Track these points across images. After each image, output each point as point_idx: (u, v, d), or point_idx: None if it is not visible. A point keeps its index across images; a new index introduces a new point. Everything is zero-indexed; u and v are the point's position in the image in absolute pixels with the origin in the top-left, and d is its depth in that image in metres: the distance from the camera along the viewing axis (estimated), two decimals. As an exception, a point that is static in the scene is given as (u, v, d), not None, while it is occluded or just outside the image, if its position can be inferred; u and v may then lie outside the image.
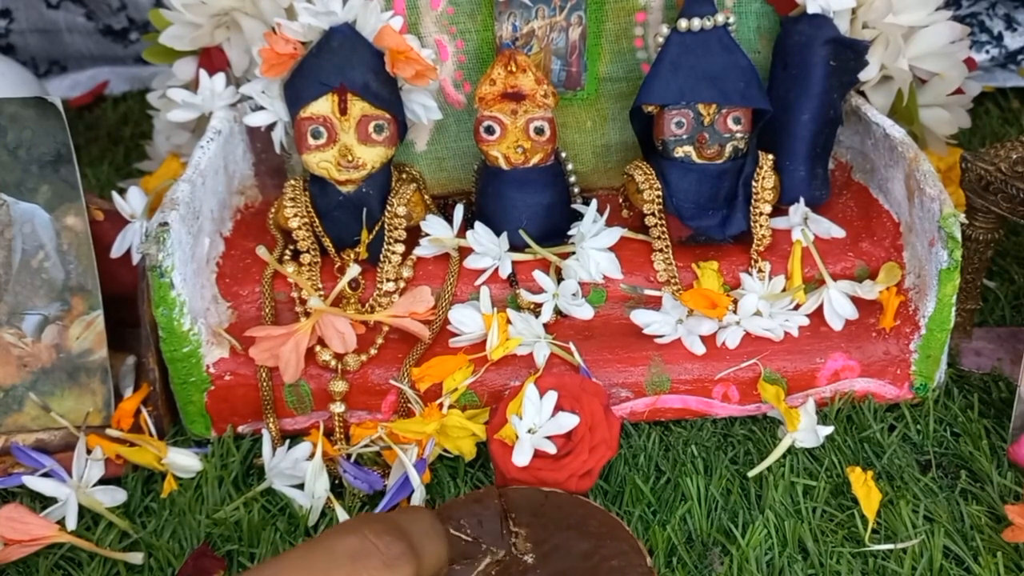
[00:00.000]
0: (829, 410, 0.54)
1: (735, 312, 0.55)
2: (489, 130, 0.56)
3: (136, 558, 0.48)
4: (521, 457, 0.48)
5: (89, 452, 0.51)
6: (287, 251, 0.59)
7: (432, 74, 0.56)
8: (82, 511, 0.50)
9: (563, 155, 0.60)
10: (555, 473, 0.48)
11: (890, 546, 0.46)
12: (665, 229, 0.57)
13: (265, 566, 0.34)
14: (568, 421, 0.49)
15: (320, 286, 0.57)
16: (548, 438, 0.49)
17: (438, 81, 0.61)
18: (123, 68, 1.05)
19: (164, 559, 0.48)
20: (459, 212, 0.58)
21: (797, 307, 0.56)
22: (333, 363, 0.54)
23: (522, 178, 0.57)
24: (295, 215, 0.57)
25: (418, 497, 0.48)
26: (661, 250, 0.57)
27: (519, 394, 0.50)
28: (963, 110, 0.70)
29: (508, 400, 0.51)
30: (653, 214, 0.57)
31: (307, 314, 0.55)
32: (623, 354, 0.55)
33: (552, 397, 0.50)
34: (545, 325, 0.55)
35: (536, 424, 0.49)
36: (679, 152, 0.57)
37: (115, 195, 0.62)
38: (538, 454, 0.48)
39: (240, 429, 0.55)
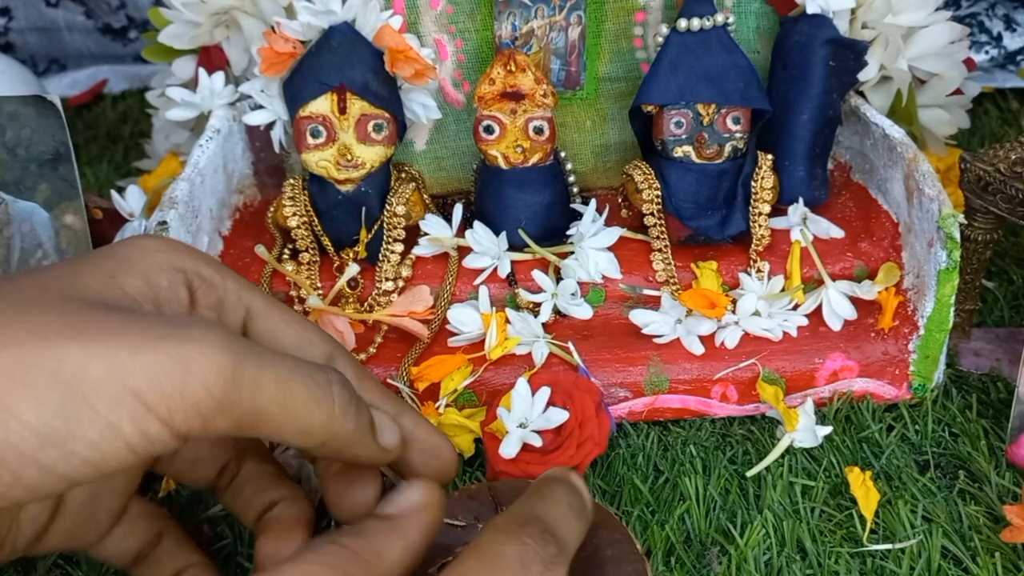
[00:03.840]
0: (828, 410, 0.54)
1: (734, 312, 0.55)
2: (488, 129, 0.56)
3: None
4: (508, 449, 0.48)
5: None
6: (286, 250, 0.59)
7: (431, 73, 0.56)
8: (80, 510, 0.50)
9: (562, 155, 0.60)
10: (542, 467, 0.48)
11: (888, 546, 0.46)
12: (664, 229, 0.57)
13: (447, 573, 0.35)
14: (557, 416, 0.49)
15: (319, 285, 0.57)
16: (537, 432, 0.49)
17: (437, 80, 0.61)
18: (122, 67, 1.05)
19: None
20: (458, 211, 0.58)
21: (796, 307, 0.56)
22: (332, 362, 0.54)
23: (521, 177, 0.57)
24: (294, 214, 0.57)
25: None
26: (660, 250, 0.57)
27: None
28: (962, 111, 0.70)
29: (503, 396, 0.51)
30: (652, 214, 0.57)
31: (306, 313, 0.55)
32: (622, 354, 0.55)
33: (545, 393, 0.50)
34: (544, 325, 0.55)
35: (526, 419, 0.49)
36: (678, 152, 0.57)
37: (114, 194, 0.62)
38: (527, 448, 0.48)
39: (238, 428, 0.55)
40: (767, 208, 0.57)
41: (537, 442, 0.48)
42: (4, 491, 0.28)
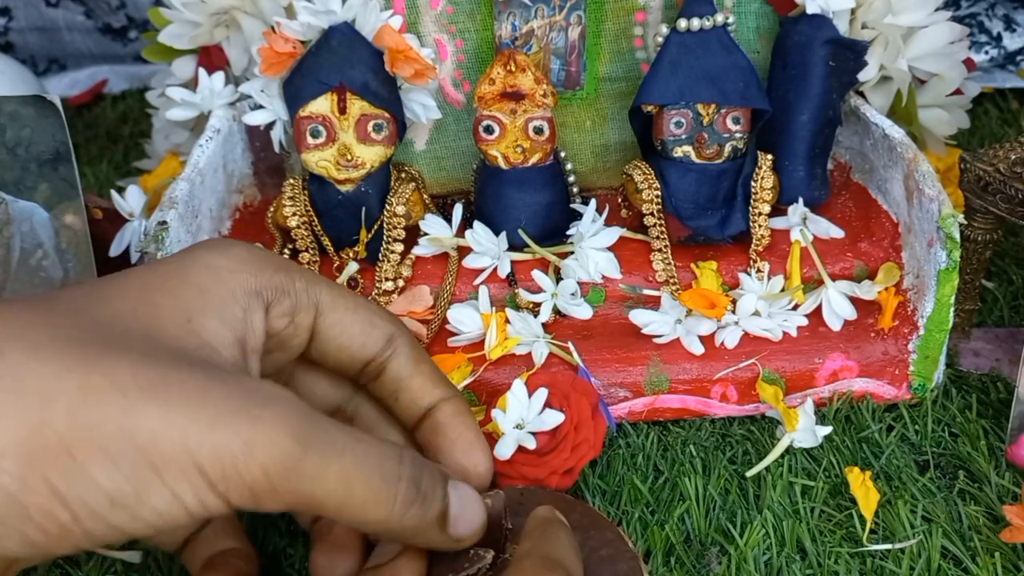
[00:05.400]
0: (827, 410, 0.54)
1: (734, 312, 0.55)
2: (488, 129, 0.56)
3: (134, 557, 0.48)
4: (503, 450, 0.48)
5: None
6: (286, 250, 0.59)
7: (431, 73, 0.56)
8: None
9: (562, 155, 0.60)
10: (537, 469, 0.48)
11: (888, 546, 0.46)
12: (664, 229, 0.57)
13: None
14: (552, 418, 0.49)
15: (319, 285, 0.57)
16: (532, 434, 0.49)
17: (437, 80, 0.61)
18: (122, 66, 1.05)
19: (162, 558, 0.48)
20: (458, 211, 0.58)
21: (796, 307, 0.56)
22: (332, 362, 0.54)
23: (521, 178, 0.57)
24: (294, 214, 0.57)
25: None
26: (660, 250, 0.57)
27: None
28: (962, 111, 0.70)
29: (503, 396, 0.51)
30: (652, 214, 0.57)
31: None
32: (622, 354, 0.55)
33: (542, 394, 0.50)
34: (544, 325, 0.55)
35: (523, 419, 0.49)
36: (678, 152, 0.57)
37: (114, 194, 0.62)
38: (522, 449, 0.48)
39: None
40: (767, 208, 0.57)
41: (532, 444, 0.48)
42: (74, 542, 0.30)
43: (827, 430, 0.52)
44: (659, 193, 0.57)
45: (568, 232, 0.57)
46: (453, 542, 0.38)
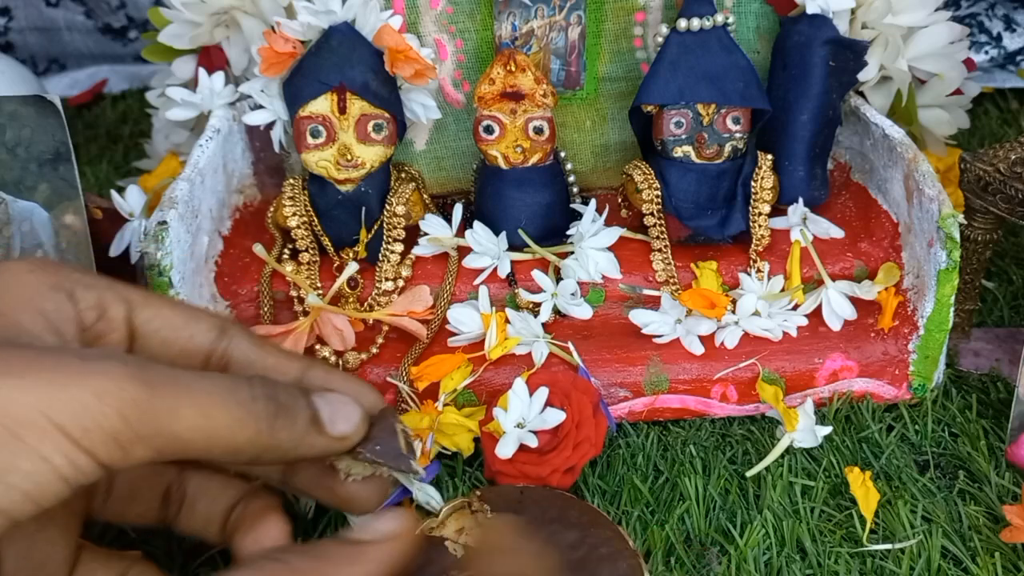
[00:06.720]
0: (827, 410, 0.54)
1: (734, 312, 0.55)
2: (488, 129, 0.56)
3: (134, 556, 0.48)
4: (505, 450, 0.48)
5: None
6: (286, 250, 0.59)
7: (431, 73, 0.56)
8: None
9: (562, 155, 0.60)
10: (538, 468, 0.48)
11: (888, 546, 0.46)
12: (664, 229, 0.57)
13: None
14: (553, 417, 0.49)
15: (319, 285, 0.57)
16: (534, 433, 0.49)
17: (437, 80, 0.61)
18: (122, 66, 1.06)
19: (159, 553, 0.48)
20: (458, 211, 0.58)
21: (796, 307, 0.56)
22: (333, 360, 0.54)
23: (521, 177, 0.57)
24: (294, 214, 0.57)
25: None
26: (660, 250, 0.57)
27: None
28: (962, 111, 0.70)
29: (503, 395, 0.51)
30: (652, 214, 0.57)
31: (306, 313, 0.55)
32: (622, 354, 0.55)
33: (543, 393, 0.50)
34: (544, 325, 0.55)
35: (524, 418, 0.49)
36: (678, 152, 0.57)
37: (114, 193, 0.62)
38: (524, 448, 0.48)
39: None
40: (767, 208, 0.57)
41: (533, 443, 0.48)
42: None
43: (827, 430, 0.52)
44: (659, 193, 0.57)
45: (568, 232, 0.57)
46: (339, 442, 0.37)
